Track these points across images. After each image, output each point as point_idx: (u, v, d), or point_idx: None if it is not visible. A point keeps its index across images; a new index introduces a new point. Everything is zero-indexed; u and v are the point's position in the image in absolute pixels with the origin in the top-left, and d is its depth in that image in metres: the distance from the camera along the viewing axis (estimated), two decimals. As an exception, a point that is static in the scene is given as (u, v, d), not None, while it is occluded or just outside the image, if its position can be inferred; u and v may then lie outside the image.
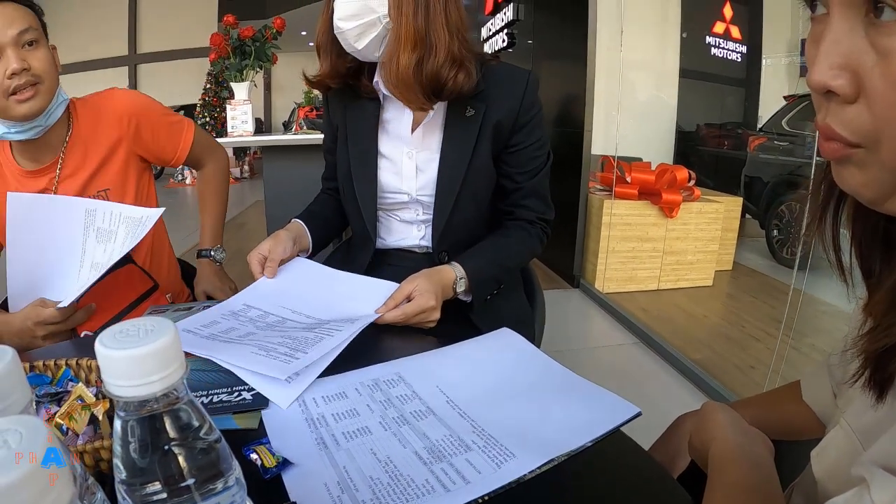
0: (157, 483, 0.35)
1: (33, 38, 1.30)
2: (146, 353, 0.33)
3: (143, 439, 0.35)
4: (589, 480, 0.64)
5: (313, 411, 0.77)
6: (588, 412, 0.73)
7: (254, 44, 3.32)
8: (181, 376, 0.36)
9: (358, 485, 0.61)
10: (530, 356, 0.92)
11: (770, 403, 0.88)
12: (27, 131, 1.34)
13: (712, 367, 2.86)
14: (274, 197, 3.36)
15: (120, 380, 0.34)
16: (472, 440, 0.68)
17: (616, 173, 4.07)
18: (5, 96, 1.26)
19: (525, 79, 1.26)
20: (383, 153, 1.30)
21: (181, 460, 0.36)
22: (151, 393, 0.34)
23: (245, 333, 0.96)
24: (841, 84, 0.40)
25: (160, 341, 0.34)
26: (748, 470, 0.60)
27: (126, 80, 15.42)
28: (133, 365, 0.33)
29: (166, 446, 0.35)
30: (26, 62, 1.27)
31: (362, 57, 1.20)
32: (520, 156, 1.27)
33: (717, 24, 5.73)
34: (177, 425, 0.36)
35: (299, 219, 1.35)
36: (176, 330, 0.36)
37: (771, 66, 5.71)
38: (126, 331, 0.35)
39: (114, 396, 0.34)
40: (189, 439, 0.36)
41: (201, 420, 0.37)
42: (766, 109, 5.48)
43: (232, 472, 0.38)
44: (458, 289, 1.19)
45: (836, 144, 0.43)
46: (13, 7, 1.27)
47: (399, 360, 0.90)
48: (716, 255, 4.25)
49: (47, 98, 1.32)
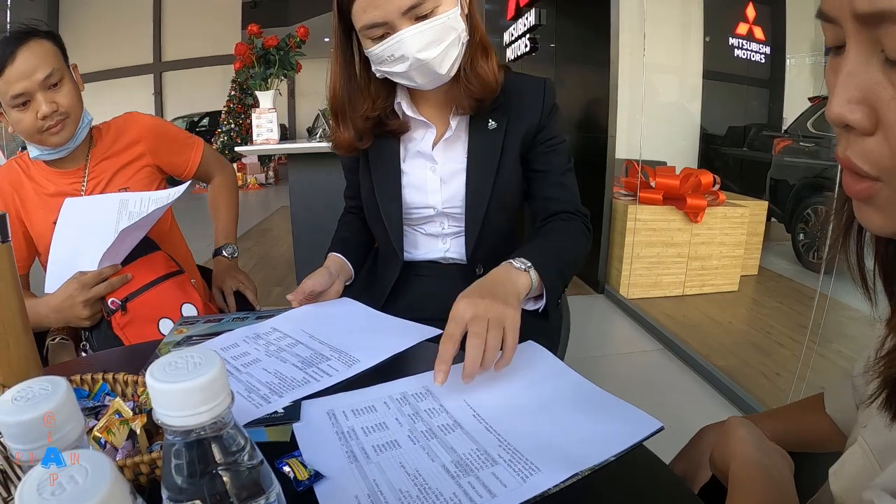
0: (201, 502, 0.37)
1: (58, 79, 1.47)
2: (195, 387, 0.35)
3: (191, 462, 0.37)
4: (610, 494, 0.65)
5: (343, 425, 0.78)
6: (611, 426, 0.73)
7: (278, 53, 3.36)
8: (227, 406, 0.38)
9: (388, 498, 0.62)
10: (555, 370, 0.92)
11: (793, 415, 0.88)
12: (58, 153, 1.55)
13: (737, 374, 2.84)
14: (299, 203, 3.40)
15: (171, 411, 0.35)
16: (499, 454, 0.69)
17: (640, 178, 4.05)
18: (39, 133, 1.47)
19: (542, 86, 1.28)
20: (406, 172, 1.31)
21: (226, 481, 0.37)
22: (200, 423, 0.36)
23: (250, 361, 0.99)
24: (858, 118, 0.40)
25: (208, 375, 0.36)
26: (767, 488, 0.60)
27: (151, 88, 15.65)
28: (183, 398, 0.35)
29: (213, 470, 0.37)
30: (54, 102, 1.46)
31: (435, 84, 1.18)
32: (547, 155, 1.28)
33: (739, 25, 5.68)
34: (222, 449, 0.38)
35: (334, 251, 1.38)
36: (222, 363, 0.37)
37: (795, 66, 5.64)
38: (175, 363, 0.37)
39: (165, 426, 0.36)
40: (233, 462, 0.38)
41: (245, 443, 0.39)
42: (790, 111, 5.42)
43: (273, 489, 0.40)
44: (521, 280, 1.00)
45: (858, 185, 0.43)
46: (34, 51, 1.43)
47: (427, 374, 0.91)
48: (741, 260, 4.21)
49: (74, 126, 1.53)
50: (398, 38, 1.08)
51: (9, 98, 1.42)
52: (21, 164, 1.62)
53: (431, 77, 1.14)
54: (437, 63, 1.11)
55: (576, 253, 1.22)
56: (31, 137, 1.50)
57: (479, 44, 1.19)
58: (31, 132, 1.47)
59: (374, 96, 1.24)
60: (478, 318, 0.85)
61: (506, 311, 0.88)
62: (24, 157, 1.63)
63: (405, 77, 1.14)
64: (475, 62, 1.18)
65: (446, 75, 1.15)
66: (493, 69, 1.20)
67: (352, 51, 1.21)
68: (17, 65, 1.40)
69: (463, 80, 1.18)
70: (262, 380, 0.92)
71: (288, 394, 0.87)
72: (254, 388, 0.89)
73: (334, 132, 1.30)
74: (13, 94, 1.41)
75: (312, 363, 0.97)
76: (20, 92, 1.41)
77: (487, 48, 1.21)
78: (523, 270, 1.02)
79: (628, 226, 3.96)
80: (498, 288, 0.94)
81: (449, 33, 1.10)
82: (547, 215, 1.28)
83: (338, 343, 1.04)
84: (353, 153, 1.32)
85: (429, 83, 1.16)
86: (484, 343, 0.83)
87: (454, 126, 1.26)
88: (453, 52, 1.13)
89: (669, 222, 3.99)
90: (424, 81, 1.15)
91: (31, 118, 1.45)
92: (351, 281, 1.37)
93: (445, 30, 1.10)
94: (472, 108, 1.22)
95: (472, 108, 1.22)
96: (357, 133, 1.26)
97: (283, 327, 1.13)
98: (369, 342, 1.03)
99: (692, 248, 4.05)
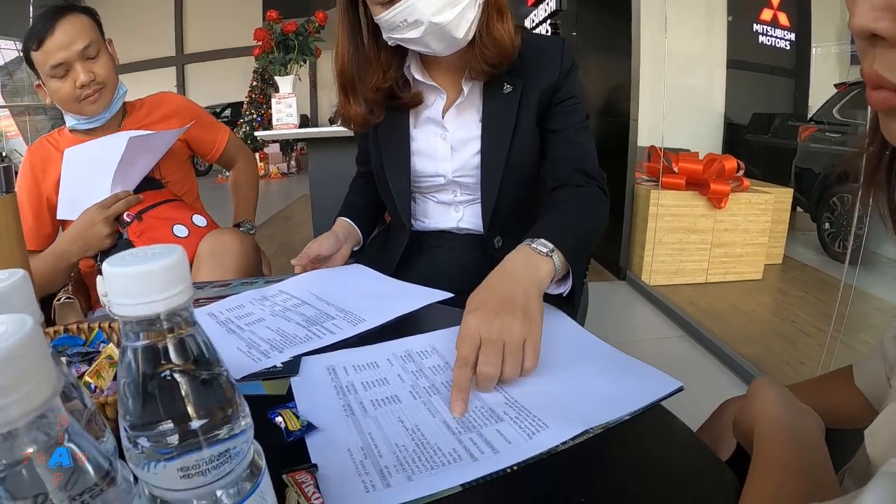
0: (160, 425, 0.34)
1: (96, 51, 1.55)
2: (151, 271, 0.33)
3: (147, 370, 0.34)
4: (629, 456, 0.62)
5: (342, 379, 0.77)
6: (627, 385, 0.71)
7: (297, 38, 3.36)
8: (186, 300, 0.34)
9: (382, 451, 0.60)
10: (569, 330, 0.91)
11: (820, 389, 0.85)
12: (93, 122, 1.63)
13: (761, 361, 2.80)
14: (319, 190, 3.39)
15: (123, 298, 0.33)
16: (504, 411, 0.67)
17: (663, 163, 4.01)
18: (77, 101, 1.56)
19: (560, 46, 1.23)
20: (415, 138, 1.28)
21: (184, 392, 0.34)
22: (154, 312, 0.33)
23: (254, 320, 0.98)
24: (885, 27, 0.38)
25: (165, 261, 0.33)
26: (797, 449, 0.56)
27: (174, 80, 15.74)
28: (137, 282, 0.33)
29: (167, 374, 0.34)
30: (92, 72, 1.54)
31: (452, 49, 1.13)
32: (562, 115, 1.23)
33: (764, 10, 5.59)
34: (182, 355, 0.35)
35: (342, 216, 1.36)
36: (183, 253, 0.35)
37: (821, 54, 5.55)
38: (134, 253, 0.35)
39: (117, 316, 0.33)
40: (194, 369, 0.35)
41: (210, 355, 0.36)
42: (816, 99, 5.32)
43: (241, 419, 0.37)
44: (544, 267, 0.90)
45: (884, 93, 0.41)
46: (73, 23, 1.50)
47: (434, 333, 0.89)
48: (765, 248, 4.15)
49: (110, 96, 1.62)
50: (410, 1, 1.04)
51: (48, 68, 1.50)
52: (52, 141, 1.68)
53: (448, 42, 1.10)
54: (454, 27, 1.07)
55: (597, 223, 1.12)
56: (68, 106, 1.58)
57: (495, 5, 1.14)
58: (68, 101, 1.55)
59: (385, 66, 1.20)
60: (491, 344, 0.74)
61: (525, 326, 0.77)
62: (54, 135, 1.70)
63: (420, 43, 1.11)
64: (491, 25, 1.13)
65: (463, 39, 1.10)
66: (509, 31, 1.14)
67: (358, 19, 1.18)
68: (56, 36, 1.48)
69: (478, 44, 1.13)
70: (263, 337, 0.91)
71: (288, 350, 0.86)
72: (254, 345, 0.88)
73: (343, 107, 1.25)
74: (52, 64, 1.49)
75: (317, 322, 0.95)
76: (59, 62, 1.49)
77: (503, 9, 1.15)
78: (545, 255, 0.90)
79: (650, 211, 3.91)
80: (516, 289, 0.83)
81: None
82: (558, 175, 1.20)
83: (345, 304, 1.02)
84: (365, 128, 1.28)
85: (445, 48, 1.12)
86: (499, 372, 0.73)
87: (467, 91, 1.22)
88: (469, 14, 1.08)
89: (692, 208, 3.93)
90: (440, 47, 1.11)
91: (69, 87, 1.53)
92: (359, 246, 1.35)
93: None
94: (487, 74, 1.18)
95: (486, 74, 1.18)
96: (367, 106, 1.22)
97: (291, 290, 1.12)
98: (377, 304, 1.00)
99: (715, 234, 3.99)
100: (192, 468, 0.34)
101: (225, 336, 0.92)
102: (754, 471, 0.55)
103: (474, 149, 1.24)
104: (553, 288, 0.97)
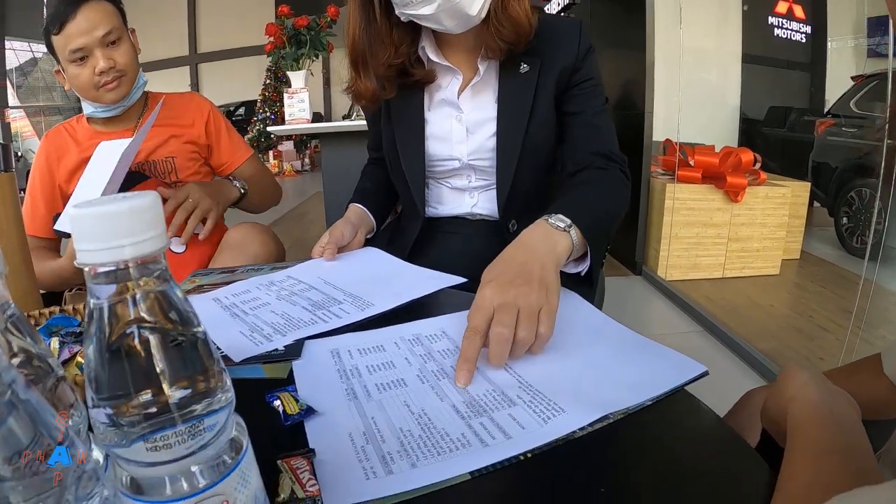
0: (131, 396, 0.30)
1: (116, 38, 1.53)
2: (118, 212, 0.29)
3: (114, 330, 0.30)
4: (652, 443, 0.58)
5: (346, 363, 0.73)
6: (649, 369, 0.68)
7: (308, 33, 3.34)
8: (158, 248, 0.31)
9: (385, 436, 0.57)
10: (587, 313, 0.87)
11: (848, 378, 0.80)
12: (111, 111, 1.61)
13: (779, 357, 2.75)
14: (333, 186, 3.38)
15: (89, 243, 0.29)
16: (518, 395, 0.63)
17: (678, 156, 3.95)
18: (96, 88, 1.53)
19: (577, 28, 1.19)
20: (429, 121, 1.25)
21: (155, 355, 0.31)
22: (121, 258, 0.30)
23: (259, 304, 0.95)
24: None
25: (135, 202, 0.30)
26: (835, 432, 0.53)
27: (188, 79, 15.85)
28: (102, 224, 0.29)
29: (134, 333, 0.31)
30: (112, 59, 1.52)
31: (465, 27, 1.09)
32: (580, 97, 1.20)
33: (779, 3, 5.53)
34: (153, 312, 0.31)
35: (355, 202, 1.34)
36: (157, 197, 0.32)
37: (837, 47, 5.48)
38: (107, 199, 0.31)
39: (81, 264, 0.30)
40: (167, 329, 0.31)
41: (186, 316, 0.33)
42: (832, 93, 5.27)
43: (220, 392, 0.33)
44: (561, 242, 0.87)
45: None
46: (95, 9, 1.49)
47: (444, 317, 0.86)
48: (783, 243, 4.09)
49: (129, 85, 1.59)
50: None
51: (67, 53, 1.48)
52: (69, 129, 1.67)
53: (461, 19, 1.06)
54: (468, 3, 1.04)
55: (618, 204, 1.10)
56: (86, 93, 1.56)
57: None
58: (87, 87, 1.54)
59: (397, 43, 1.17)
60: (506, 307, 0.72)
61: (541, 296, 0.74)
62: (72, 122, 1.69)
63: (433, 20, 1.07)
64: (507, 2, 1.09)
65: (477, 17, 1.07)
66: (525, 10, 1.10)
67: None
68: (77, 21, 1.46)
69: (493, 23, 1.10)
70: (267, 321, 0.88)
71: (292, 333, 0.82)
72: (257, 329, 0.85)
73: (354, 82, 1.21)
74: (72, 49, 1.47)
75: (323, 306, 0.92)
76: (79, 47, 1.48)
77: None
78: (563, 230, 0.88)
79: (666, 205, 3.86)
80: (533, 261, 0.81)
81: None
82: (578, 159, 1.17)
83: (353, 289, 0.99)
84: (376, 104, 1.25)
85: (458, 25, 1.08)
86: (512, 335, 0.70)
87: (482, 71, 1.19)
88: None
89: (709, 202, 3.88)
90: (453, 24, 1.07)
91: (87, 73, 1.51)
92: (372, 233, 1.33)
93: None
94: (503, 53, 1.14)
95: (502, 53, 1.14)
96: (379, 82, 1.19)
97: (299, 275, 1.09)
98: (387, 288, 0.97)
99: (732, 228, 3.93)
100: (161, 441, 0.30)
101: (228, 320, 0.89)
102: (791, 455, 0.51)
103: (490, 131, 1.21)
104: (571, 267, 0.96)
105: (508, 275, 0.77)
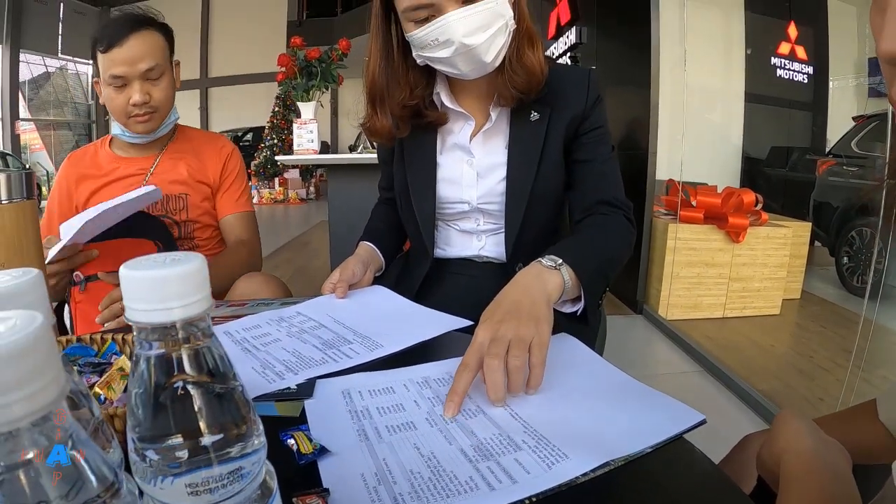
0: (169, 438, 0.32)
1: (159, 74, 1.53)
2: (168, 277, 0.32)
3: (159, 380, 0.33)
4: (652, 489, 0.60)
5: (357, 404, 0.75)
6: (649, 417, 0.70)
7: (320, 65, 3.39)
8: (204, 309, 0.33)
9: (396, 477, 0.58)
10: (588, 360, 0.89)
11: (843, 424, 0.83)
12: (136, 138, 1.60)
13: (779, 397, 2.75)
14: (338, 216, 3.41)
15: (140, 304, 0.32)
16: (523, 440, 0.65)
17: (681, 196, 3.99)
18: (126, 117, 1.54)
19: (587, 76, 1.23)
20: (441, 165, 1.28)
21: (197, 405, 0.33)
22: (170, 320, 0.32)
23: (270, 341, 0.97)
24: None
25: (185, 267, 0.32)
26: (827, 482, 0.55)
27: (197, 103, 15.98)
28: (153, 287, 0.32)
29: (180, 386, 0.33)
30: (148, 94, 1.51)
31: (479, 73, 1.13)
32: (589, 145, 1.23)
33: (781, 44, 5.59)
34: (197, 367, 0.33)
35: (365, 240, 1.36)
36: (204, 261, 0.34)
37: (839, 87, 5.53)
38: (155, 258, 0.33)
39: (131, 321, 0.32)
40: (208, 382, 0.34)
41: (226, 369, 0.35)
42: (834, 133, 5.30)
43: (255, 437, 0.35)
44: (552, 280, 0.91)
45: None
46: (145, 40, 1.48)
47: (452, 360, 0.87)
48: (784, 283, 4.10)
49: (160, 121, 1.59)
50: (443, 21, 1.04)
51: (108, 76, 1.48)
52: (90, 152, 1.68)
53: (476, 65, 1.10)
54: (484, 50, 1.07)
55: (618, 248, 1.13)
56: (118, 117, 1.56)
57: (526, 33, 1.14)
58: (119, 113, 1.54)
59: (413, 84, 1.20)
60: (496, 341, 0.76)
61: (530, 328, 0.78)
62: (95, 145, 1.70)
63: (448, 63, 1.10)
64: (521, 52, 1.13)
65: (491, 64, 1.10)
66: (539, 60, 1.14)
67: (391, 34, 1.18)
68: (125, 48, 1.45)
69: (508, 71, 1.13)
70: (279, 357, 0.90)
71: (303, 372, 0.84)
72: (269, 365, 0.87)
73: (370, 118, 1.25)
74: (113, 74, 1.47)
75: (333, 345, 0.94)
76: (120, 74, 1.47)
77: (534, 38, 1.16)
78: (553, 268, 0.92)
79: (668, 245, 3.88)
80: (523, 298, 0.85)
81: (497, 19, 1.06)
82: (585, 206, 1.21)
83: (363, 328, 1.00)
84: (390, 141, 1.28)
85: (472, 71, 1.11)
86: (503, 365, 0.73)
87: (494, 118, 1.22)
88: (500, 40, 1.08)
89: (710, 242, 3.91)
90: (468, 69, 1.11)
91: (122, 101, 1.51)
92: (381, 272, 1.35)
93: (493, 16, 1.05)
94: (515, 101, 1.17)
95: (515, 101, 1.17)
96: (394, 120, 1.22)
97: (309, 312, 1.11)
98: (395, 329, 0.99)
99: (733, 268, 3.96)
100: (200, 485, 0.33)
101: (240, 355, 0.91)
102: None
103: (500, 175, 1.24)
104: (567, 307, 1.00)
105: (500, 313, 0.81)
